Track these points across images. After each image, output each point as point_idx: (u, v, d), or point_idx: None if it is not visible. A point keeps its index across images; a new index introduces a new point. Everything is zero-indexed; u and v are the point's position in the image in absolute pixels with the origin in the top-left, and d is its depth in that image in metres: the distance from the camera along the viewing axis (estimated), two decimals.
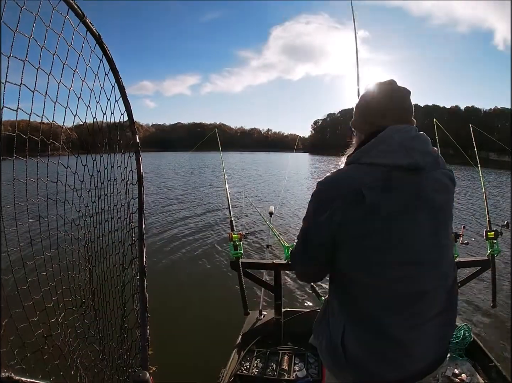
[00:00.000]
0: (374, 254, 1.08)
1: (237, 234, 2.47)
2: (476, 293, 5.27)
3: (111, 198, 1.60)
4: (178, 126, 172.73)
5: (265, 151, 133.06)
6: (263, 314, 2.93)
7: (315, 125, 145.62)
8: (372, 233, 1.06)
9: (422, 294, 1.10)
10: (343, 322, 1.16)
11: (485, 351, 2.37)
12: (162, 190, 18.10)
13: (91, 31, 1.28)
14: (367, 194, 1.03)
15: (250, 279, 2.55)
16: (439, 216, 1.13)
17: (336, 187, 1.11)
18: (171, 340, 3.93)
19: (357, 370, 1.14)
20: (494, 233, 2.59)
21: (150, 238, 8.45)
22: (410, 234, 1.08)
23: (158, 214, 11.66)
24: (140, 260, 1.48)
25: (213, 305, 4.85)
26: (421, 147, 1.11)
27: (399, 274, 1.09)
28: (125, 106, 1.48)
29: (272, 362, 2.44)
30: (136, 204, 1.54)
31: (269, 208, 3.24)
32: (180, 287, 5.64)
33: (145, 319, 1.38)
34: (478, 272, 2.65)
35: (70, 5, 1.14)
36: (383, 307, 1.10)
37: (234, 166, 38.02)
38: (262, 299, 3.02)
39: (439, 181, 1.14)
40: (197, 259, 7.07)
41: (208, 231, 9.34)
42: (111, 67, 1.40)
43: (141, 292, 1.43)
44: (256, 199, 14.69)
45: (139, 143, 1.54)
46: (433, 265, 1.12)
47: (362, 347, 1.12)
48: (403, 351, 1.10)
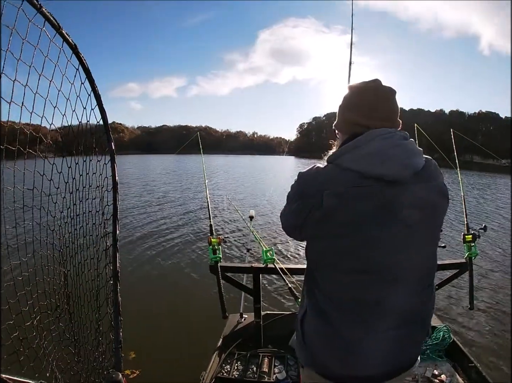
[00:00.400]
0: (327, 256, 1.13)
1: (216, 238, 2.48)
2: (455, 294, 5.41)
3: (86, 204, 1.62)
4: (164, 128, 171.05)
5: (251, 154, 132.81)
6: (244, 317, 2.96)
7: (301, 129, 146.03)
8: (327, 236, 1.10)
9: (374, 304, 1.10)
10: (304, 308, 1.23)
11: (464, 352, 2.42)
12: (143, 193, 17.98)
13: (68, 42, 1.30)
14: (325, 199, 1.05)
15: (229, 283, 2.56)
16: (413, 232, 1.09)
17: (306, 185, 1.14)
18: (151, 343, 3.96)
19: (313, 359, 1.20)
20: (472, 236, 2.64)
21: (129, 241, 8.43)
22: (369, 244, 1.07)
23: (138, 217, 11.57)
24: (114, 265, 1.51)
25: (194, 308, 4.86)
26: (401, 158, 1.06)
27: (350, 280, 1.11)
28: (101, 114, 1.51)
29: (253, 364, 2.47)
30: (111, 210, 1.57)
31: (250, 212, 3.26)
32: (161, 291, 5.65)
33: (118, 322, 1.41)
34: (456, 274, 2.70)
35: (46, 17, 1.16)
36: (334, 307, 1.13)
37: (217, 169, 37.88)
38: (243, 302, 3.05)
39: (419, 196, 1.08)
40: (178, 263, 7.08)
41: (189, 235, 9.34)
42: (87, 76, 1.43)
43: (114, 295, 1.47)
44: (238, 203, 14.67)
45: (114, 150, 1.57)
46: (393, 279, 1.10)
47: (316, 337, 1.18)
48: (351, 354, 1.12)
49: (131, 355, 3.57)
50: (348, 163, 1.08)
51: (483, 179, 31.98)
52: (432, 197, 1.11)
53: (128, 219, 11.07)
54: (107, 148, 1.58)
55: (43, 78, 1.24)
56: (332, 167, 1.13)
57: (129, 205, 13.74)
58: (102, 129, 1.56)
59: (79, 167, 1.55)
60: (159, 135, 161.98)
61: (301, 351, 1.26)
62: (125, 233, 9.04)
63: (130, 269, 6.52)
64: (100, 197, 1.60)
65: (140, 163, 51.98)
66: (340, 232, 1.08)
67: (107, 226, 1.59)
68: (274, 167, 29.84)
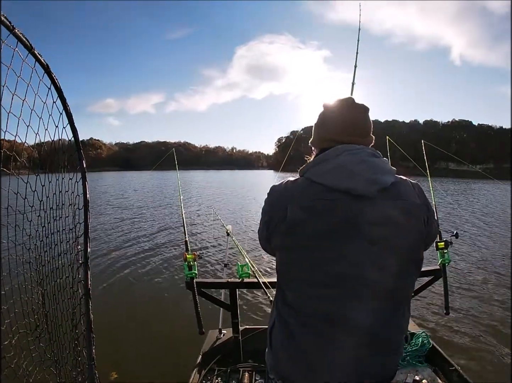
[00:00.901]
0: (293, 268, 1.14)
1: (191, 254, 2.44)
2: (430, 300, 5.54)
3: (59, 222, 1.62)
4: (142, 144, 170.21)
5: (230, 169, 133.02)
6: (223, 332, 2.93)
7: (279, 143, 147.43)
8: (292, 249, 1.12)
9: (337, 319, 1.09)
10: (273, 320, 1.24)
11: (444, 356, 2.45)
12: (118, 210, 17.63)
13: (40, 62, 1.32)
14: (289, 211, 1.09)
15: (206, 298, 2.52)
16: (377, 249, 1.07)
17: (274, 197, 1.19)
18: (129, 360, 3.90)
19: (278, 367, 1.20)
20: (444, 243, 2.68)
21: (104, 259, 8.27)
22: (333, 258, 1.07)
23: (112, 235, 11.35)
24: (85, 282, 1.51)
25: (172, 324, 4.81)
26: (368, 173, 1.08)
27: (314, 293, 1.10)
28: (72, 133, 1.53)
29: (233, 380, 2.44)
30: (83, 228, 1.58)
31: (227, 227, 3.26)
32: (137, 309, 5.52)
33: (91, 339, 1.41)
34: (431, 281, 2.73)
35: (19, 38, 1.18)
36: (298, 321, 1.13)
37: (195, 185, 37.77)
38: (222, 318, 3.04)
39: (383, 212, 1.07)
40: (155, 279, 6.97)
41: (165, 251, 9.22)
42: (59, 95, 1.45)
43: (86, 313, 1.46)
44: (220, 217, 14.54)
45: (85, 169, 1.58)
46: (356, 295, 1.08)
47: (281, 349, 1.18)
48: (312, 370, 1.11)
49: (113, 375, 3.51)
50: (316, 177, 1.11)
51: (457, 185, 32.95)
52: (396, 215, 1.08)
53: (101, 237, 10.87)
54: (78, 166, 1.58)
55: (16, 97, 1.25)
56: (302, 180, 1.16)
57: (103, 223, 13.50)
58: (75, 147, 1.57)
59: (52, 186, 1.56)
60: (137, 151, 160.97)
61: (268, 359, 1.26)
62: (99, 251, 8.91)
63: (104, 286, 6.39)
64: (72, 214, 1.60)
65: (117, 180, 51.24)
66: (305, 245, 1.09)
67: (79, 244, 1.59)
68: (252, 181, 29.97)
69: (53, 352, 1.67)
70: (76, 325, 1.64)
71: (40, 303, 1.61)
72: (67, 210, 1.62)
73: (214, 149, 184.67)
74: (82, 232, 1.57)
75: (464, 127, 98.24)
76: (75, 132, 1.53)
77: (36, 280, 1.61)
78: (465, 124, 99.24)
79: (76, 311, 1.63)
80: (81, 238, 1.58)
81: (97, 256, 8.36)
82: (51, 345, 1.67)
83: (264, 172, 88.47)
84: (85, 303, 1.49)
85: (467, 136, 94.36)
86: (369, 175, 1.07)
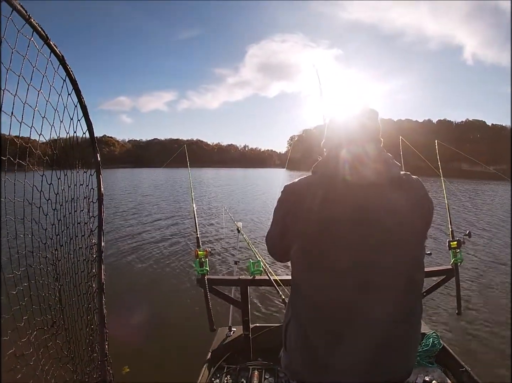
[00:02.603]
0: (305, 256, 1.17)
1: (203, 251, 2.46)
2: (442, 301, 5.44)
3: (75, 216, 1.61)
4: (154, 142, 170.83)
5: (243, 167, 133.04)
6: (233, 330, 2.91)
7: (291, 141, 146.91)
8: (305, 237, 1.15)
9: (346, 310, 1.10)
10: (288, 317, 1.26)
11: (455, 357, 2.41)
12: (131, 205, 17.77)
13: (55, 53, 1.31)
14: (307, 201, 1.14)
15: (216, 295, 2.53)
16: (387, 236, 1.11)
17: (289, 193, 1.24)
18: (139, 357, 3.91)
19: (292, 366, 1.22)
20: (456, 243, 2.67)
21: (118, 253, 8.34)
22: (344, 243, 1.10)
23: (126, 230, 11.44)
24: (99, 277, 1.49)
25: (183, 321, 4.80)
26: (373, 166, 1.15)
27: (325, 281, 1.13)
28: (87, 125, 1.51)
29: (242, 378, 2.42)
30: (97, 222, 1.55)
31: (237, 224, 3.25)
32: (149, 304, 5.46)
33: (104, 335, 1.39)
34: (443, 280, 2.71)
35: (35, 28, 1.17)
36: (310, 316, 1.16)
37: (208, 182, 37.88)
38: (232, 315, 3.02)
39: (394, 201, 1.13)
40: (167, 275, 6.98)
41: (178, 247, 9.25)
42: (74, 87, 1.43)
43: (99, 308, 1.44)
44: (229, 215, 14.55)
45: (100, 162, 1.56)
46: (365, 281, 1.10)
47: (294, 344, 1.20)
48: (323, 367, 1.13)
49: (125, 369, 3.53)
50: (328, 171, 1.20)
51: (465, 185, 32.71)
52: (407, 204, 1.15)
53: (116, 231, 10.98)
54: (93, 159, 1.57)
55: (31, 88, 1.23)
56: (313, 176, 1.25)
57: (118, 218, 13.61)
58: (89, 141, 1.55)
59: (67, 179, 1.54)
60: (150, 148, 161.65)
61: (282, 358, 1.29)
62: (113, 245, 9.01)
63: (119, 280, 6.41)
64: (87, 208, 1.58)
65: (130, 176, 51.65)
66: (319, 232, 1.12)
67: (93, 237, 1.57)
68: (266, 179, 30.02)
69: (69, 349, 1.65)
70: (90, 320, 1.62)
71: (57, 299, 1.59)
72: (82, 203, 1.60)
73: (227, 147, 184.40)
74: (96, 226, 1.55)
75: (478, 127, 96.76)
76: (89, 124, 1.51)
77: (53, 275, 1.59)
78: (479, 124, 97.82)
79: (91, 306, 1.61)
80: (95, 231, 1.56)
81: (112, 251, 8.43)
82: (67, 342, 1.65)
83: (277, 170, 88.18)
84: (98, 298, 1.47)
85: (480, 137, 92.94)
86: (379, 167, 1.16)
